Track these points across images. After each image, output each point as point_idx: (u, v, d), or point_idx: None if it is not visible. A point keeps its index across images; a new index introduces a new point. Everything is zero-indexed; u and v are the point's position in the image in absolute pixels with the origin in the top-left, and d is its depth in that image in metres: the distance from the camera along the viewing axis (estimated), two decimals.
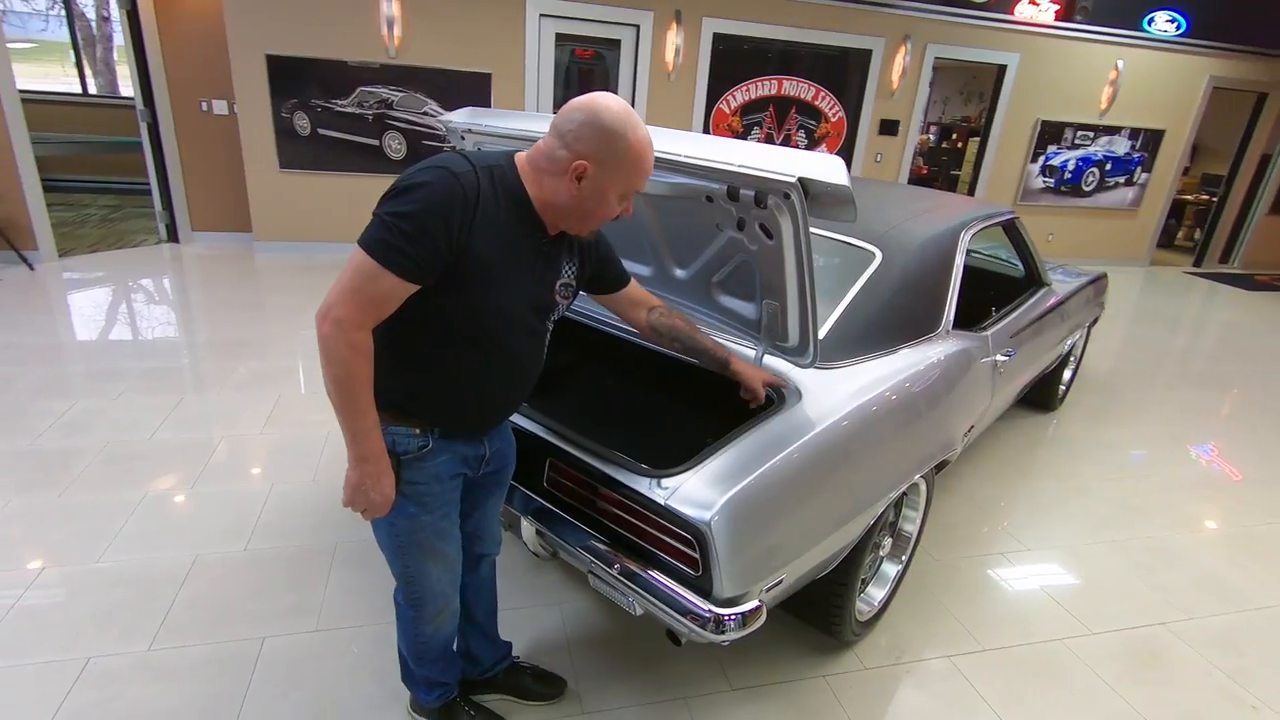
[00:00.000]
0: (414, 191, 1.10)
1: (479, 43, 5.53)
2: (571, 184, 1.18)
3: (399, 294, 1.13)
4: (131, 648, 1.87)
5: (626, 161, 1.17)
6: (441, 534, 1.40)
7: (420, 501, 1.34)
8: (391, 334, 1.20)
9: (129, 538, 2.29)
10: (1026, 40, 6.70)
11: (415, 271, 1.11)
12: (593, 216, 1.24)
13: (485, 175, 1.16)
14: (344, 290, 1.11)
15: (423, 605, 1.47)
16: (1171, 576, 2.54)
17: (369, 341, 1.15)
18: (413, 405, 1.29)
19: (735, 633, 1.37)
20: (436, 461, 1.33)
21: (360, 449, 1.21)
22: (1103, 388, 4.29)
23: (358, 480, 1.23)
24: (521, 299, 1.27)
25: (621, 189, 1.20)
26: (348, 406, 1.17)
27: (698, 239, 1.74)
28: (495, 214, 1.17)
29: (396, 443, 1.28)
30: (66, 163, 7.10)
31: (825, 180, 1.35)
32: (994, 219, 2.61)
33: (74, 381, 3.31)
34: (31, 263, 4.86)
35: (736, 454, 1.47)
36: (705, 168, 1.47)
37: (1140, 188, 7.70)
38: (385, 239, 1.09)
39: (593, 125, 1.14)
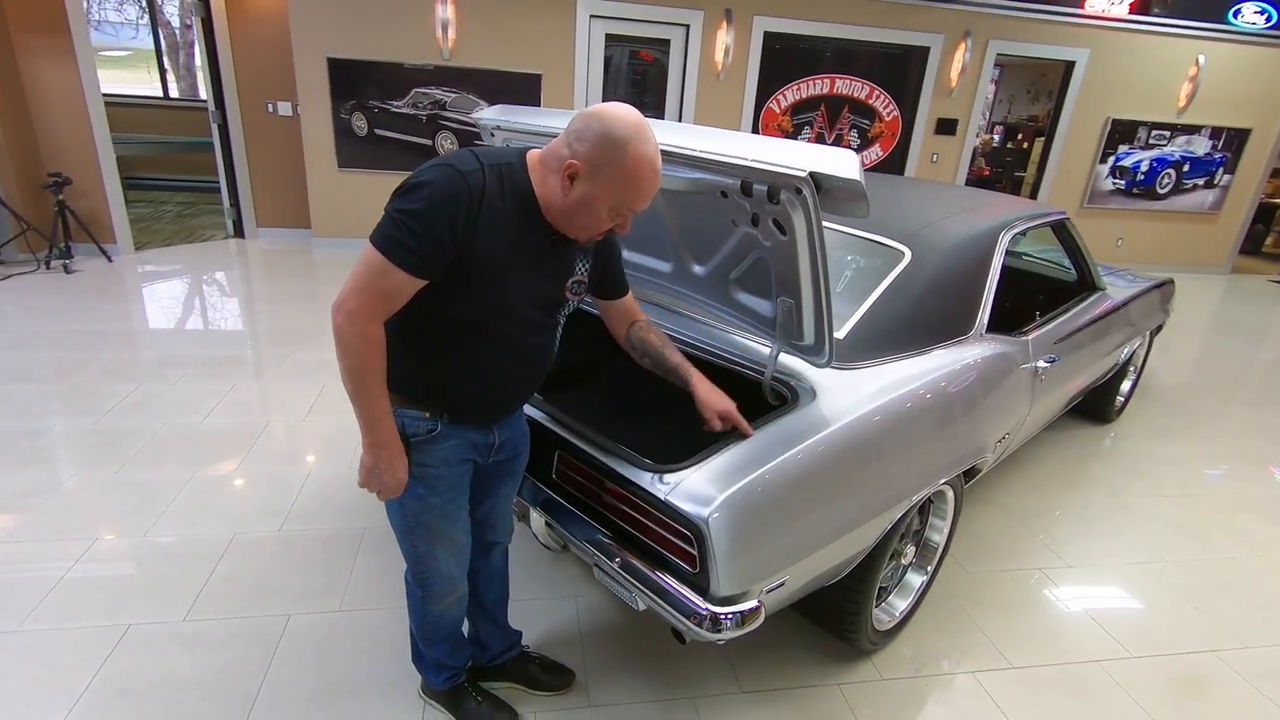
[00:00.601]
0: (421, 190, 1.13)
1: (530, 44, 5.62)
2: (564, 183, 1.18)
3: (407, 288, 1.17)
4: (169, 617, 1.97)
5: (621, 173, 1.15)
6: (449, 517, 1.43)
7: (428, 483, 1.37)
8: (403, 323, 1.24)
9: (176, 514, 2.41)
10: (1097, 35, 6.39)
11: (422, 267, 1.15)
12: (577, 222, 1.23)
13: (493, 173, 1.18)
14: (356, 285, 1.16)
15: (430, 585, 1.50)
16: (1228, 602, 2.38)
17: (381, 333, 1.19)
18: (422, 391, 1.32)
19: (732, 632, 1.35)
20: (445, 445, 1.36)
21: (374, 435, 1.26)
22: (1168, 401, 4.05)
23: (371, 464, 1.29)
24: (528, 295, 1.28)
25: (613, 202, 1.19)
26: (361, 395, 1.22)
27: (714, 235, 1.73)
28: (501, 211, 1.19)
29: (406, 425, 1.32)
30: (147, 162, 7.55)
31: (837, 174, 1.32)
32: (1039, 219, 2.50)
33: (140, 366, 3.52)
34: (110, 255, 5.18)
35: (741, 451, 1.46)
36: (718, 162, 1.45)
37: (1222, 190, 7.24)
38: (393, 235, 1.13)
39: (597, 129, 1.14)
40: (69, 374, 3.35)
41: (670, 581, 1.41)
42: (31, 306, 4.21)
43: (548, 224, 1.25)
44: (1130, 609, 2.31)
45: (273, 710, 1.72)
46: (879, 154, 6.53)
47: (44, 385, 3.23)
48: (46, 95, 4.88)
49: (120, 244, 5.30)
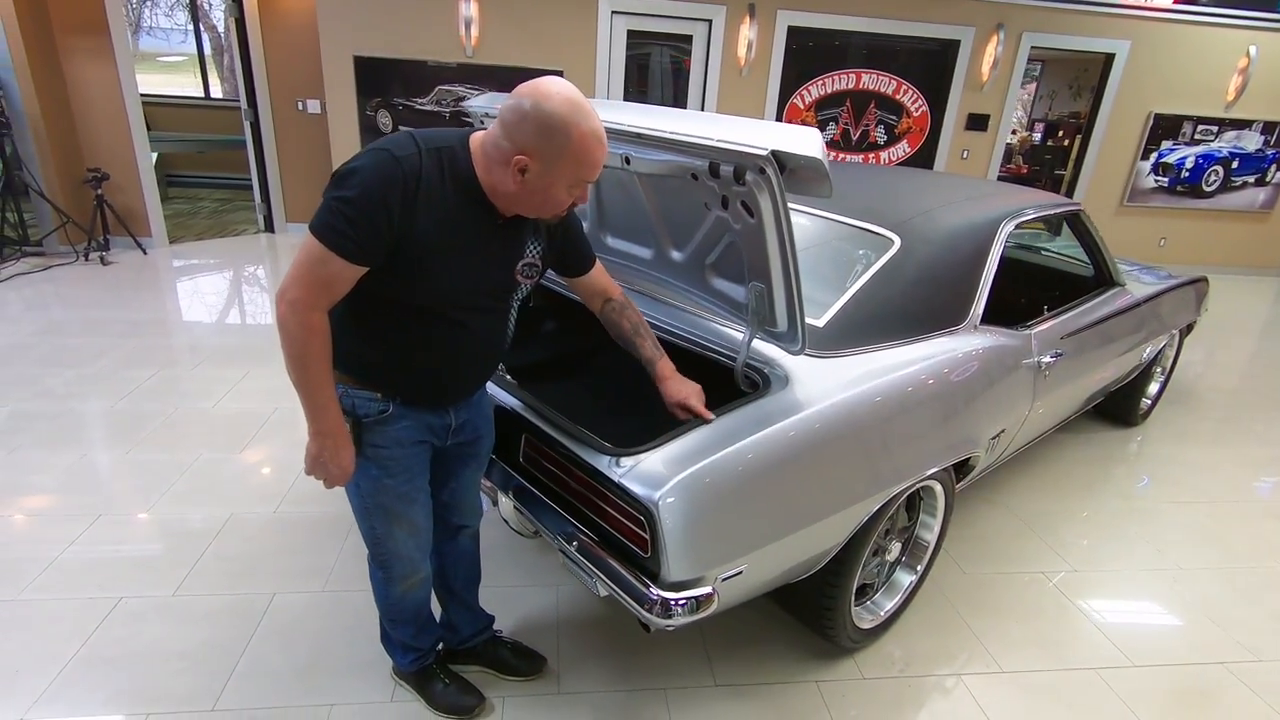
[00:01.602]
0: (354, 176, 1.12)
1: (552, 41, 5.65)
2: (515, 176, 1.16)
3: (347, 275, 1.16)
4: (159, 591, 2.03)
5: (569, 157, 1.14)
6: (405, 499, 1.43)
7: (382, 464, 1.38)
8: (352, 308, 1.24)
9: (178, 494, 2.48)
10: (1138, 26, 6.15)
11: (359, 254, 1.14)
12: (542, 207, 1.23)
13: (431, 156, 1.16)
14: (296, 273, 1.15)
15: (390, 567, 1.51)
16: (1245, 613, 2.25)
17: (324, 321, 1.19)
18: (373, 374, 1.33)
19: (684, 618, 1.33)
20: (398, 426, 1.36)
21: (318, 423, 1.26)
22: (1202, 405, 3.87)
23: (317, 452, 1.29)
24: (474, 279, 1.27)
25: (569, 181, 1.18)
26: (305, 383, 1.22)
27: (690, 220, 1.70)
28: (439, 196, 1.17)
29: (358, 406, 1.32)
30: (187, 160, 7.81)
31: (796, 153, 1.29)
32: (1047, 210, 2.41)
33: (162, 353, 3.63)
34: (145, 248, 5.37)
35: (701, 436, 1.43)
36: (683, 143, 1.43)
37: (1274, 188, 6.90)
38: (329, 223, 1.12)
39: (533, 119, 1.12)
40: (95, 359, 3.48)
41: (623, 566, 1.39)
42: (68, 296, 4.39)
43: (493, 208, 1.24)
44: (1137, 617, 2.21)
45: (249, 683, 1.76)
46: (907, 150, 6.39)
47: (71, 369, 3.35)
48: (88, 94, 5.08)
49: (155, 237, 5.49)
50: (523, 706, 1.74)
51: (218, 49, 11.24)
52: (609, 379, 2.35)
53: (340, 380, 1.31)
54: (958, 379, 1.83)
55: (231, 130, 7.56)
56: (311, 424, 1.26)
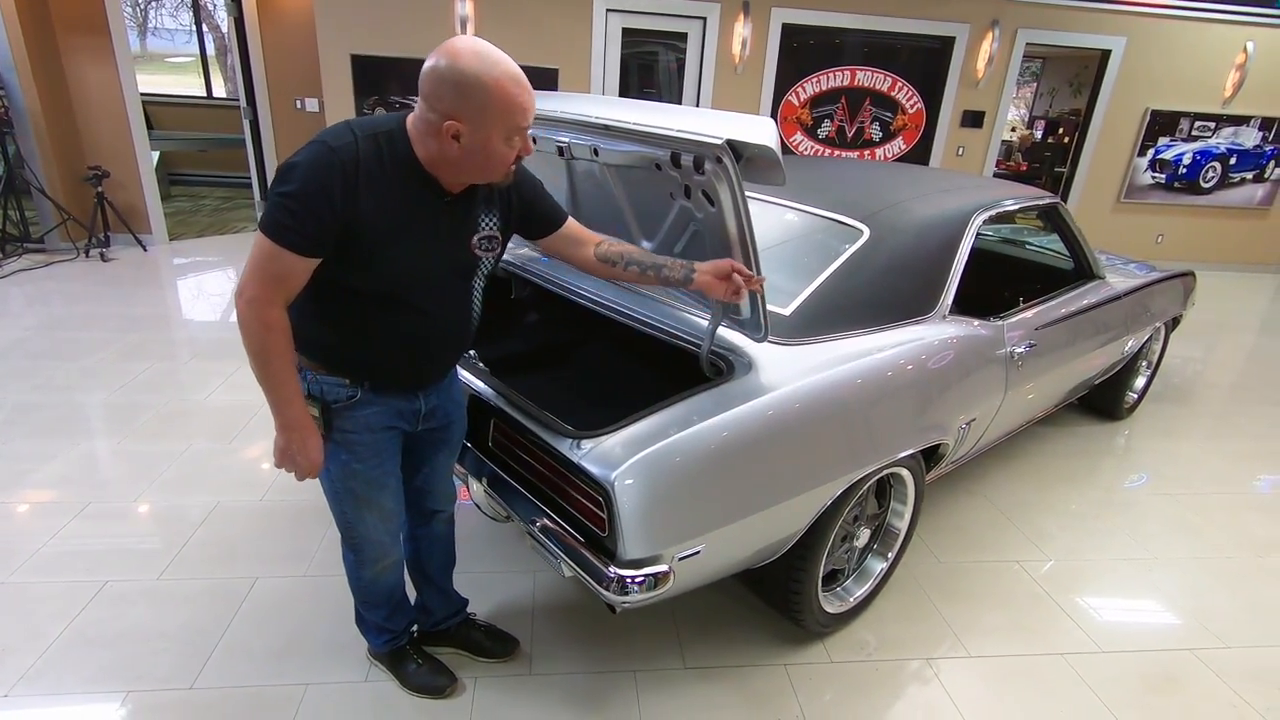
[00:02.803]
0: (294, 171, 1.14)
1: (547, 38, 5.69)
2: (450, 144, 1.17)
3: (300, 269, 1.18)
4: (144, 575, 2.07)
5: (493, 108, 1.14)
6: (375, 484, 1.46)
7: (351, 449, 1.41)
8: (315, 298, 1.25)
9: (166, 483, 2.53)
10: (1134, 22, 6.14)
11: (307, 246, 1.16)
12: (489, 168, 1.23)
13: (368, 142, 1.17)
14: (251, 271, 1.17)
15: (361, 550, 1.55)
16: (1216, 601, 2.27)
17: (282, 317, 1.21)
18: (340, 361, 1.35)
19: (640, 595, 1.36)
20: (367, 412, 1.39)
21: (284, 417, 1.28)
22: (1194, 400, 3.87)
23: (284, 445, 1.31)
24: (427, 262, 1.29)
25: (504, 133, 1.18)
26: (267, 378, 1.24)
27: (657, 210, 1.74)
28: (381, 180, 1.18)
29: (326, 391, 1.35)
30: (190, 159, 7.89)
31: (751, 142, 1.32)
32: (1022, 204, 2.43)
33: (157, 347, 3.69)
34: (145, 245, 5.44)
35: (660, 419, 1.46)
36: (644, 133, 1.47)
37: (1273, 184, 6.87)
38: (276, 219, 1.14)
39: (448, 81, 1.12)
40: (93, 352, 3.54)
41: (582, 544, 1.42)
42: (68, 291, 4.45)
43: (439, 185, 1.26)
44: (1109, 604, 2.23)
45: (227, 663, 1.80)
46: (902, 147, 6.40)
47: (69, 363, 3.41)
48: (88, 93, 5.15)
49: (155, 234, 5.56)
50: (494, 687, 1.78)
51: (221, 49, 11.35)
52: (590, 371, 2.38)
53: (308, 367, 1.34)
54: (923, 366, 1.85)
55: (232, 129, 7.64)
56: (277, 417, 1.28)
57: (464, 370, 1.76)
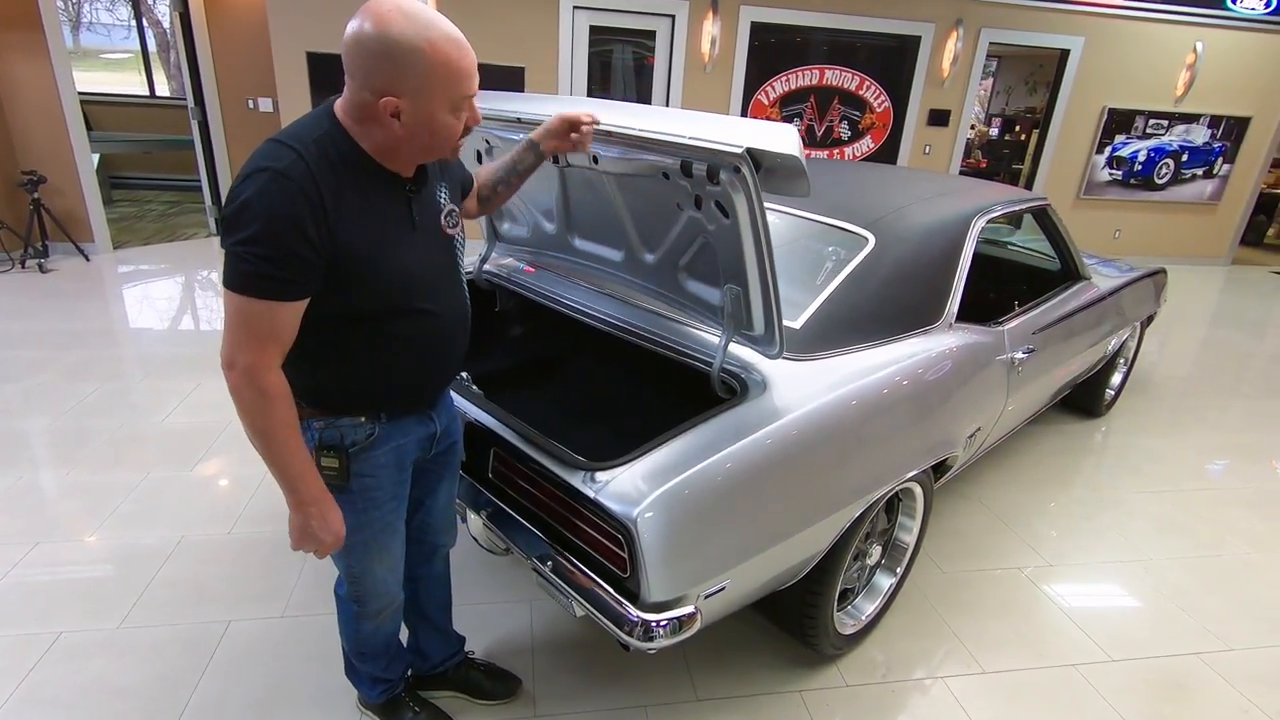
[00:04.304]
0: (248, 211, 0.98)
1: (512, 36, 5.53)
2: (392, 124, 1.04)
3: (292, 317, 1.05)
4: (102, 624, 1.90)
5: (435, 77, 1.01)
6: (389, 529, 1.34)
7: (369, 497, 1.28)
8: (309, 339, 1.10)
9: (123, 516, 2.34)
10: (1091, 22, 6.27)
11: (296, 290, 1.03)
12: (436, 144, 1.09)
13: (314, 153, 1.02)
14: (236, 337, 1.03)
15: (367, 603, 1.42)
16: (1214, 602, 2.28)
17: (282, 381, 1.07)
18: (353, 399, 1.22)
19: (665, 640, 1.27)
20: (386, 449, 1.26)
21: (298, 493, 1.14)
22: (1162, 394, 3.95)
23: (302, 524, 1.16)
24: (415, 262, 1.17)
25: (447, 103, 1.05)
26: (277, 456, 1.10)
27: (662, 221, 1.64)
28: (343, 191, 1.05)
29: (344, 435, 1.22)
30: (133, 161, 7.49)
31: (773, 151, 1.24)
32: (1015, 206, 2.40)
33: (106, 365, 3.45)
34: (87, 254, 5.11)
35: (679, 448, 1.37)
36: (655, 141, 1.37)
37: (1221, 180, 7.11)
38: (248, 271, 0.99)
39: (377, 52, 0.98)
40: (33, 373, 3.28)
41: (600, 586, 1.32)
42: (3, 306, 4.14)
43: (394, 176, 1.12)
44: (1111, 610, 2.22)
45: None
46: (871, 146, 6.43)
47: (8, 384, 3.16)
48: (20, 93, 4.81)
49: (98, 243, 5.24)
50: None
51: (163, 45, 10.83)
52: (589, 391, 2.28)
53: (315, 415, 1.20)
54: (935, 380, 1.80)
55: (179, 130, 7.27)
56: (290, 496, 1.14)
57: (457, 395, 1.64)
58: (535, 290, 2.12)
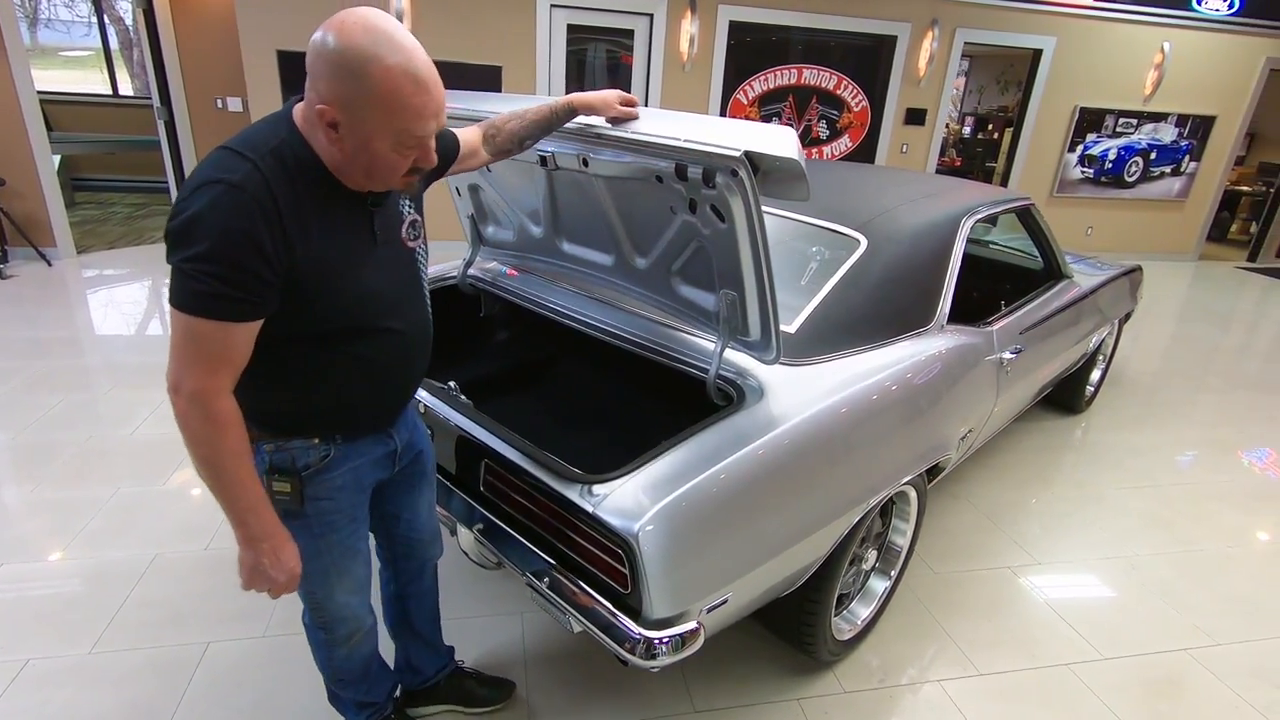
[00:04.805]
0: (199, 226, 0.90)
1: (489, 35, 5.45)
2: (329, 134, 0.96)
3: (247, 339, 0.98)
4: (73, 650, 1.81)
5: (377, 100, 0.92)
6: (349, 551, 1.27)
7: (325, 521, 1.21)
8: (263, 359, 1.03)
9: (93, 534, 2.25)
10: (1063, 22, 6.36)
11: (252, 310, 0.96)
12: (377, 175, 1.01)
13: (271, 164, 0.95)
14: (184, 359, 0.95)
15: (334, 629, 1.35)
16: (1200, 597, 2.31)
17: (233, 408, 1.00)
18: (307, 421, 1.15)
19: (668, 657, 1.23)
20: (342, 470, 1.20)
21: (248, 528, 1.06)
22: (1138, 389, 4.01)
23: (254, 562, 1.09)
24: (379, 276, 1.10)
25: (391, 137, 0.95)
26: (226, 488, 1.02)
27: (654, 224, 1.61)
28: (303, 203, 0.98)
29: (296, 458, 1.15)
30: (96, 162, 7.26)
31: (773, 154, 1.21)
32: (1002, 206, 2.41)
33: (71, 375, 3.32)
34: (49, 259, 4.94)
35: (678, 458, 1.34)
36: (649, 144, 1.34)
37: (1188, 178, 7.26)
38: (198, 290, 0.92)
39: (331, 58, 0.91)
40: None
41: (600, 603, 1.28)
42: None
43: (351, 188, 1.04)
44: (1101, 607, 2.23)
45: None
46: (848, 145, 6.45)
47: None
48: None
49: (60, 247, 5.06)
50: None
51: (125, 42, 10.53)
52: (565, 391, 2.24)
53: (265, 438, 1.14)
54: (931, 383, 1.79)
55: (144, 130, 7.07)
56: (240, 530, 1.06)
57: (447, 406, 1.59)
58: (520, 294, 2.07)
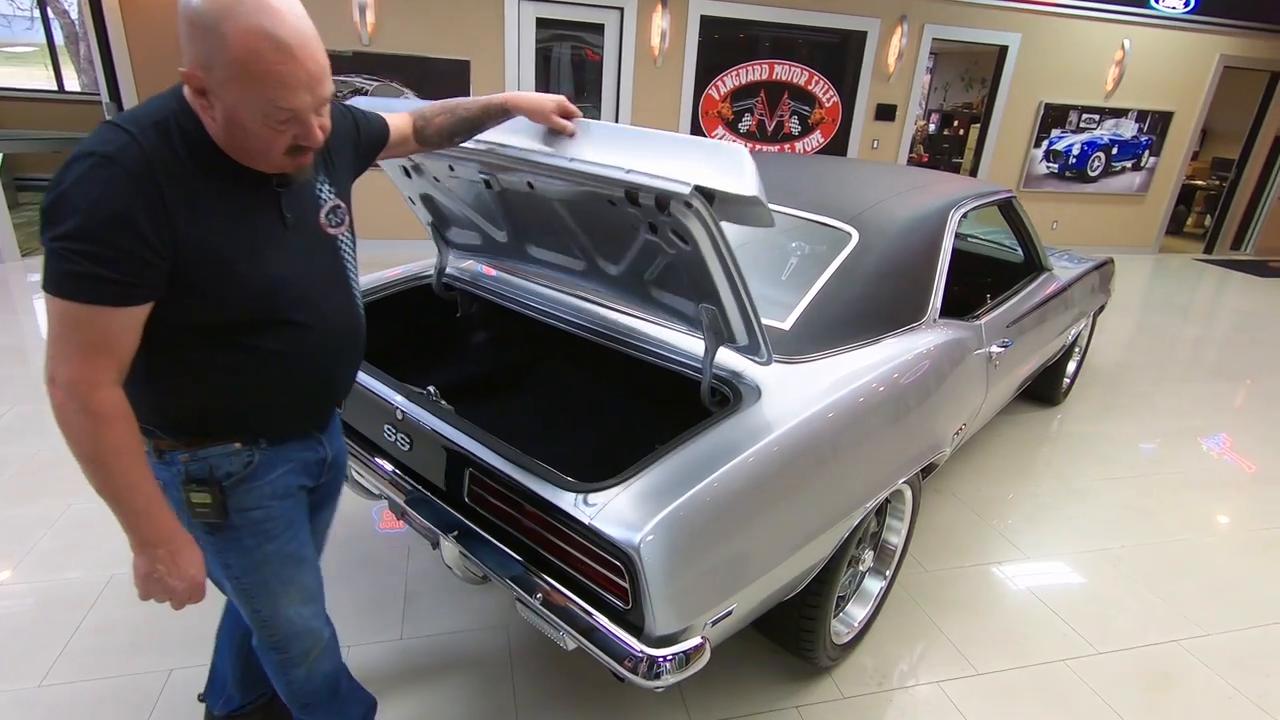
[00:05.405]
0: (66, 201, 0.84)
1: (456, 28, 5.32)
2: (201, 104, 0.88)
3: (128, 326, 0.89)
4: (20, 683, 1.68)
5: (235, 65, 0.83)
6: (293, 560, 1.17)
7: (259, 531, 1.11)
8: (159, 351, 0.95)
9: (43, 554, 2.10)
10: (1028, 19, 6.44)
11: (131, 294, 0.87)
12: (254, 153, 0.92)
13: (152, 137, 0.88)
14: (59, 347, 0.88)
15: (287, 648, 1.23)
16: (1185, 586, 2.32)
17: (117, 401, 0.91)
18: (222, 423, 1.05)
19: (673, 676, 1.16)
20: (270, 478, 1.10)
21: (142, 533, 0.97)
22: (1109, 380, 4.06)
23: (148, 569, 0.99)
24: (287, 264, 1.01)
25: (258, 107, 0.86)
26: (112, 488, 0.93)
27: (618, 239, 1.49)
28: (192, 179, 0.90)
29: (214, 468, 1.05)
30: (40, 161, 6.92)
31: (726, 190, 1.10)
32: (987, 198, 2.39)
33: (16, 386, 3.13)
34: None
35: (677, 464, 1.27)
36: (591, 175, 1.23)
37: (1148, 172, 7.43)
38: (70, 271, 0.84)
39: (188, 17, 0.83)
40: None
41: (599, 620, 1.21)
42: None
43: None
44: (1091, 600, 2.22)
45: None
46: (820, 140, 6.45)
47: None
48: None
49: (3, 250, 4.80)
50: None
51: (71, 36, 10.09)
52: (550, 393, 2.16)
53: (175, 448, 1.04)
54: (928, 378, 1.75)
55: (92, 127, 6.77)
56: (132, 535, 0.97)
57: (428, 413, 1.49)
58: (500, 293, 1.99)
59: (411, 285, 2.14)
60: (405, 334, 2.16)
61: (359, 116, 1.24)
